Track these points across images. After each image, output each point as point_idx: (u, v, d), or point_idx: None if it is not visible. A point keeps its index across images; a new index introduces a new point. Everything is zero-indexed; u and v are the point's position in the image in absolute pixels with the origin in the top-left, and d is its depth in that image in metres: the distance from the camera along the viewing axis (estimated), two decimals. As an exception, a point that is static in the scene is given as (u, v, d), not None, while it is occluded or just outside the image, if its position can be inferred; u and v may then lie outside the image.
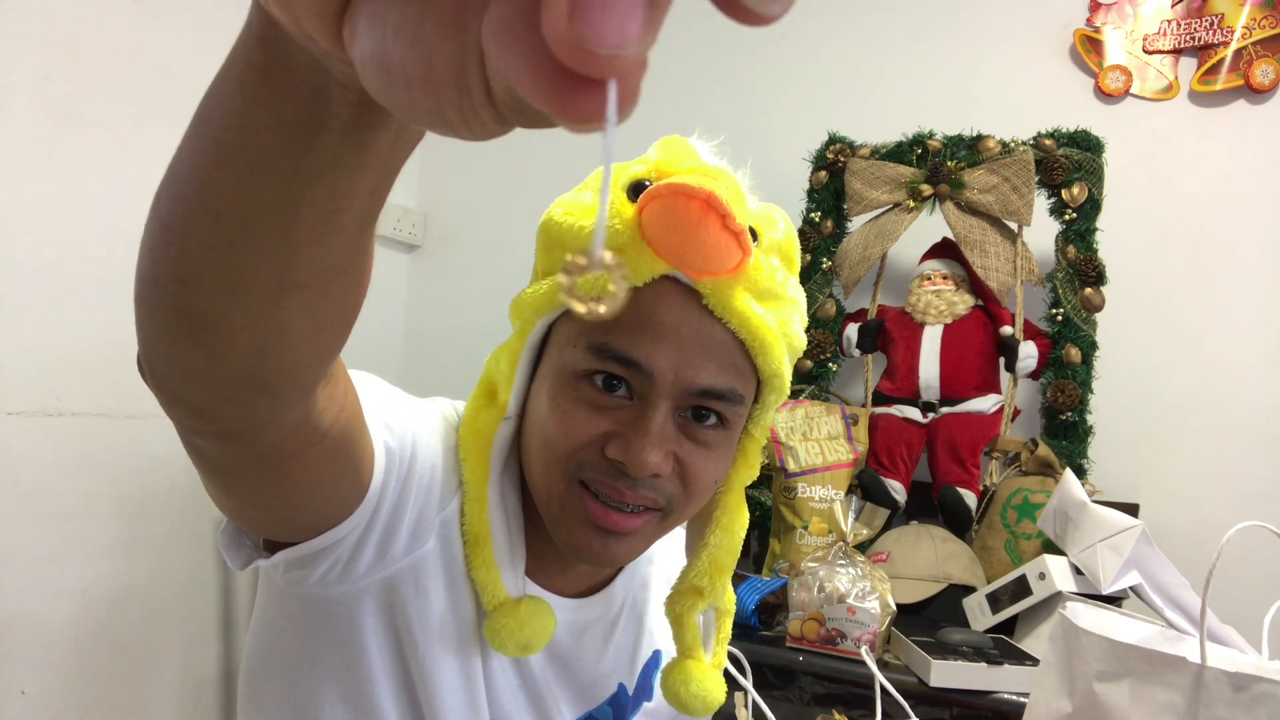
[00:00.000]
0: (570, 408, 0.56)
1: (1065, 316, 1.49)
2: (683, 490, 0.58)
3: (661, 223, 0.51)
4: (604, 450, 0.55)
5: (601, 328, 0.55)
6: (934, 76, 1.80)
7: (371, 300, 1.65)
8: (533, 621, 0.59)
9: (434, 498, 0.60)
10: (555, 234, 0.57)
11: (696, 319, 0.55)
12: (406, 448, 0.57)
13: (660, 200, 0.50)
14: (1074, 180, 1.51)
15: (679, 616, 0.64)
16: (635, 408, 0.55)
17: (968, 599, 1.27)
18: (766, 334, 0.56)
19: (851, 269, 1.60)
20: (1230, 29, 1.57)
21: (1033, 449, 1.39)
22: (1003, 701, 1.06)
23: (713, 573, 0.63)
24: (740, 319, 0.55)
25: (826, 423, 1.48)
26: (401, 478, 0.56)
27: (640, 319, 0.54)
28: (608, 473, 0.55)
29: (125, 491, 1.50)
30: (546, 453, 0.57)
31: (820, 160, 1.72)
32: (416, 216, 2.23)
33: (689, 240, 0.50)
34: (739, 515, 0.65)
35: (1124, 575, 1.07)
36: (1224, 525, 0.68)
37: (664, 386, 0.55)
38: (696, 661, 0.63)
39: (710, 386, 0.55)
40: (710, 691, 0.62)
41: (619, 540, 0.58)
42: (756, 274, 0.56)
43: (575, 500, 0.57)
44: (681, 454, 0.57)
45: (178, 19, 1.56)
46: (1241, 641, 0.92)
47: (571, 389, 0.56)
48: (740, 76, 1.98)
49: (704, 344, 0.55)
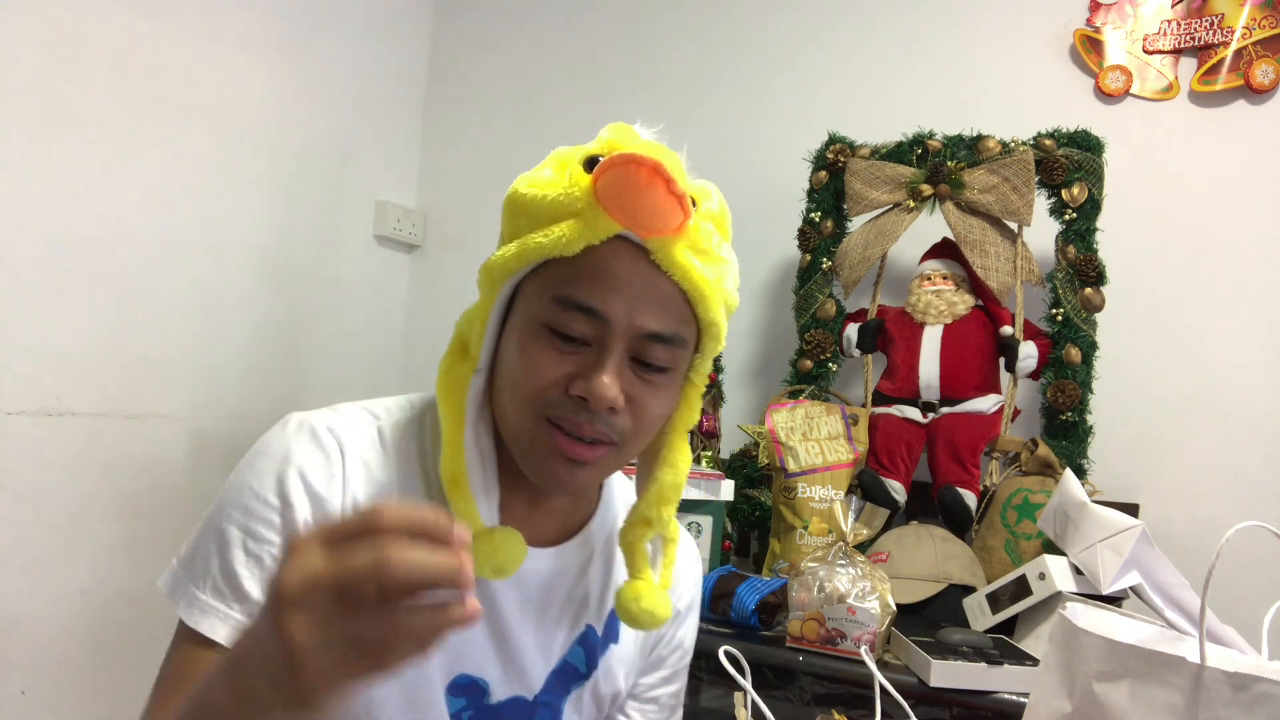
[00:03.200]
0: (538, 353, 0.65)
1: (1065, 316, 1.49)
2: (633, 425, 0.67)
3: (615, 187, 0.60)
4: (568, 390, 0.64)
5: (564, 280, 0.64)
6: (934, 76, 1.81)
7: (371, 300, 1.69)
8: (506, 546, 0.66)
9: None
10: (520, 204, 0.65)
11: (645, 272, 0.64)
12: None
13: (614, 168, 0.59)
14: (1074, 180, 1.51)
15: (630, 545, 0.73)
16: (594, 352, 0.64)
17: (968, 599, 1.27)
18: (705, 286, 0.66)
19: (851, 269, 1.60)
20: (1230, 29, 1.57)
21: (1033, 449, 1.39)
22: (1003, 701, 1.06)
23: (660, 504, 0.72)
24: (683, 272, 0.64)
25: (826, 423, 1.48)
26: None
27: (596, 273, 0.63)
28: (571, 409, 0.64)
29: (125, 491, 1.50)
30: (517, 394, 0.66)
31: (820, 160, 1.71)
32: (416, 216, 2.23)
33: (639, 202, 0.60)
34: (683, 455, 0.74)
35: (1124, 575, 1.07)
36: (1224, 525, 0.68)
37: (618, 330, 0.64)
38: (645, 582, 0.72)
39: (658, 331, 0.65)
40: (657, 607, 0.71)
41: (581, 469, 0.67)
42: (696, 235, 0.65)
43: (544, 435, 0.65)
44: (632, 392, 0.65)
45: (177, 19, 1.56)
46: (1241, 641, 0.92)
47: (539, 337, 0.65)
48: (740, 76, 1.98)
49: (652, 294, 0.64)
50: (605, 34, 2.12)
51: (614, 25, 2.11)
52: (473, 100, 2.25)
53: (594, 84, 2.12)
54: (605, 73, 2.11)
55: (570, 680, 0.79)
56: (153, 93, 1.52)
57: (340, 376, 2.02)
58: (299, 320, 1.91)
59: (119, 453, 1.49)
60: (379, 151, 2.14)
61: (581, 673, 0.79)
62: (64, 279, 1.40)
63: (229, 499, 0.68)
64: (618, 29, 2.11)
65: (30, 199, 1.35)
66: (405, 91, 2.24)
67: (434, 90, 2.29)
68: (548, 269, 0.65)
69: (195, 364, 1.63)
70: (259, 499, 0.66)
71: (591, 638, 0.79)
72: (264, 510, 0.66)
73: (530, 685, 0.76)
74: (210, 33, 1.62)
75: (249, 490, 0.67)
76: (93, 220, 1.44)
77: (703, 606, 1.26)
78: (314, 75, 1.90)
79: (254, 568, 0.65)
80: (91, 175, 1.43)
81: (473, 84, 2.25)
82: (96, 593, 1.46)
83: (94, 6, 1.42)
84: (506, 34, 2.22)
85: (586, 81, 2.13)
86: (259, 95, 1.75)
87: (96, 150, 1.44)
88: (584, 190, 0.62)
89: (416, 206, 2.26)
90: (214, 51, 1.63)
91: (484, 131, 2.23)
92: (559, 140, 0.70)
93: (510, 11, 2.22)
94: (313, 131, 1.90)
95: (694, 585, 0.91)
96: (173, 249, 1.58)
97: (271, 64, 1.77)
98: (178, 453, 1.59)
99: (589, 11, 2.14)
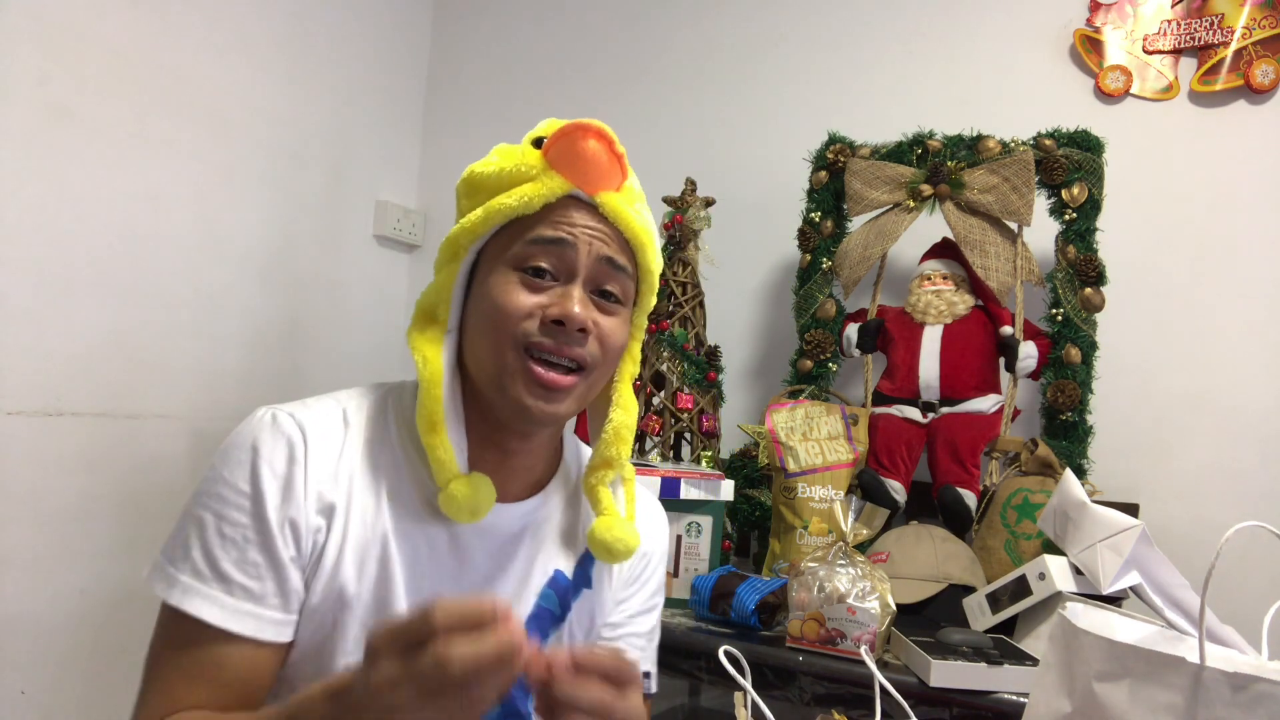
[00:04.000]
0: (513, 290, 0.73)
1: (1065, 316, 1.49)
2: (600, 352, 0.76)
3: (565, 151, 0.73)
4: (543, 319, 0.73)
5: (529, 228, 0.74)
6: (934, 76, 1.80)
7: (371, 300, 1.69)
8: (481, 490, 0.75)
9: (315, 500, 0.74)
10: (477, 181, 0.76)
11: (597, 221, 0.76)
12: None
13: (564, 136, 0.73)
14: (1074, 180, 1.51)
15: (593, 487, 0.82)
16: (562, 285, 0.75)
17: (968, 599, 1.26)
18: (645, 235, 0.78)
19: (851, 269, 1.60)
20: (1230, 29, 1.57)
21: (1033, 449, 1.39)
22: (1003, 701, 1.06)
23: (616, 443, 0.82)
24: (626, 221, 0.76)
25: (826, 423, 1.48)
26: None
27: (557, 220, 0.74)
28: (549, 334, 0.73)
29: (125, 491, 1.50)
30: (495, 331, 0.73)
31: (820, 160, 1.71)
32: (416, 216, 2.23)
33: (587, 163, 0.73)
34: (630, 399, 0.83)
35: (1124, 575, 1.07)
36: (1224, 525, 0.68)
37: (582, 258, 0.74)
38: (613, 516, 0.81)
39: (613, 257, 0.76)
40: (628, 536, 0.80)
41: (556, 395, 0.75)
42: (631, 193, 0.79)
43: (521, 365, 0.73)
44: (596, 319, 0.76)
45: (177, 19, 1.56)
46: (1241, 641, 0.92)
47: (511, 278, 0.74)
48: (740, 77, 1.98)
49: (604, 235, 0.76)
50: (605, 34, 2.12)
51: (614, 26, 2.11)
52: (473, 100, 2.25)
53: (593, 84, 2.12)
54: (605, 73, 2.11)
55: (546, 624, 0.83)
56: (153, 93, 1.52)
57: (340, 376, 2.02)
58: (299, 320, 1.91)
59: (119, 453, 1.49)
60: (379, 151, 2.14)
61: (556, 615, 0.84)
62: (64, 279, 1.40)
63: (204, 489, 0.73)
64: (617, 29, 2.11)
65: (30, 199, 1.35)
66: (405, 91, 2.24)
67: (434, 90, 2.29)
68: (510, 228, 0.75)
69: (195, 364, 1.63)
70: (231, 487, 0.72)
71: (561, 580, 0.84)
72: (236, 498, 0.71)
73: None
74: (210, 33, 1.62)
75: (221, 479, 0.72)
76: (93, 220, 1.44)
77: (703, 606, 1.27)
78: (314, 75, 1.89)
79: (230, 549, 0.70)
80: (91, 175, 1.43)
81: (473, 84, 2.25)
82: (96, 592, 1.46)
83: (94, 6, 1.42)
84: (506, 34, 2.22)
85: (586, 82, 2.13)
86: (259, 95, 1.75)
87: (96, 150, 1.44)
88: (537, 159, 0.74)
89: (416, 206, 2.26)
90: (214, 51, 1.63)
91: (484, 131, 2.23)
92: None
93: (510, 12, 2.22)
94: (313, 131, 1.90)
95: (662, 533, 0.96)
96: (173, 249, 1.58)
97: (271, 64, 1.77)
98: (178, 453, 1.59)
99: (588, 12, 2.14)
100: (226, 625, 0.69)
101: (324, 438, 0.75)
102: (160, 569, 0.72)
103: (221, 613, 0.69)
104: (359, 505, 0.75)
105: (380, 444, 0.78)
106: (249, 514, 0.71)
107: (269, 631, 0.71)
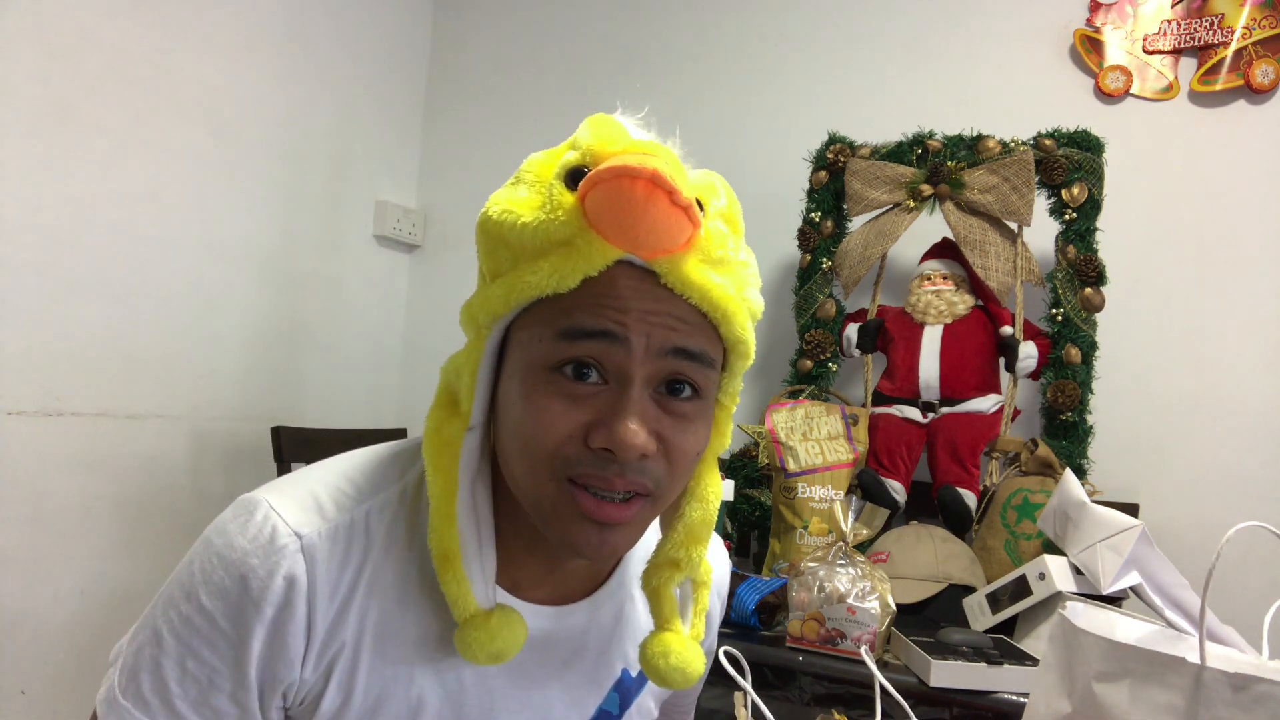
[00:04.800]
0: (546, 403, 0.54)
1: (1065, 316, 1.49)
2: (668, 469, 0.57)
3: (608, 208, 0.51)
4: (587, 442, 0.54)
5: (565, 311, 0.54)
6: (934, 76, 1.81)
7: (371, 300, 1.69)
8: (504, 632, 0.59)
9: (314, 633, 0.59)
10: (497, 233, 0.56)
11: (657, 295, 0.54)
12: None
13: (604, 185, 0.50)
14: (1074, 180, 1.51)
15: (656, 590, 0.64)
16: (612, 390, 0.54)
17: (968, 599, 1.26)
18: (728, 303, 0.56)
19: (851, 269, 1.60)
20: (1230, 29, 1.57)
21: (1033, 449, 1.39)
22: (1002, 702, 1.06)
23: (689, 544, 0.63)
24: (700, 292, 0.55)
25: (826, 423, 1.48)
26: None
27: (601, 298, 0.53)
28: (595, 464, 0.54)
29: (125, 491, 1.50)
30: (528, 455, 0.56)
31: (820, 160, 1.71)
32: (416, 216, 2.23)
33: (639, 222, 0.51)
34: (713, 485, 0.64)
35: (1124, 575, 1.07)
36: (1224, 525, 0.68)
37: (638, 354, 0.54)
38: (674, 634, 0.63)
39: (683, 345, 0.55)
40: (690, 663, 0.62)
41: (615, 531, 0.56)
42: (708, 244, 0.56)
43: (566, 498, 0.55)
44: (663, 431, 0.55)
45: (177, 20, 1.56)
46: (1241, 641, 0.92)
47: (544, 384, 0.55)
48: (741, 77, 1.98)
49: (668, 315, 0.55)
50: (605, 34, 2.12)
51: (614, 25, 2.11)
52: (473, 100, 2.25)
53: (594, 84, 2.12)
54: (605, 72, 2.11)
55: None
56: (153, 93, 1.52)
57: (340, 376, 2.02)
58: (299, 320, 1.91)
59: (119, 453, 1.49)
60: (379, 151, 2.14)
61: (615, 715, 0.73)
62: (64, 279, 1.40)
63: (174, 598, 0.59)
64: (618, 29, 2.11)
65: (30, 199, 1.35)
66: (405, 91, 2.24)
67: (434, 90, 2.29)
68: (542, 305, 0.55)
69: (195, 364, 1.63)
70: (205, 616, 0.58)
71: (626, 680, 0.72)
72: (209, 632, 0.58)
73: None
74: (210, 33, 1.62)
75: (196, 602, 0.58)
76: (93, 220, 1.44)
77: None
78: (314, 75, 1.90)
79: (189, 687, 0.58)
80: (91, 175, 1.43)
81: (473, 84, 2.25)
82: (96, 592, 1.46)
83: (94, 6, 1.42)
84: (506, 34, 2.22)
85: (586, 81, 2.13)
86: (259, 95, 1.75)
87: (96, 150, 1.44)
88: (570, 212, 0.52)
89: (416, 206, 2.27)
90: (214, 51, 1.63)
91: (484, 131, 2.23)
92: (558, 140, 0.60)
93: (510, 12, 2.22)
94: (313, 131, 1.90)
95: (719, 600, 0.81)
96: (173, 249, 1.58)
97: (271, 64, 1.77)
98: (178, 453, 1.59)
99: (589, 12, 2.14)
100: None
101: (338, 567, 0.60)
102: (108, 682, 0.61)
103: None
104: (371, 650, 0.61)
105: (403, 560, 0.62)
106: (224, 659, 0.58)
107: None
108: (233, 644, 0.57)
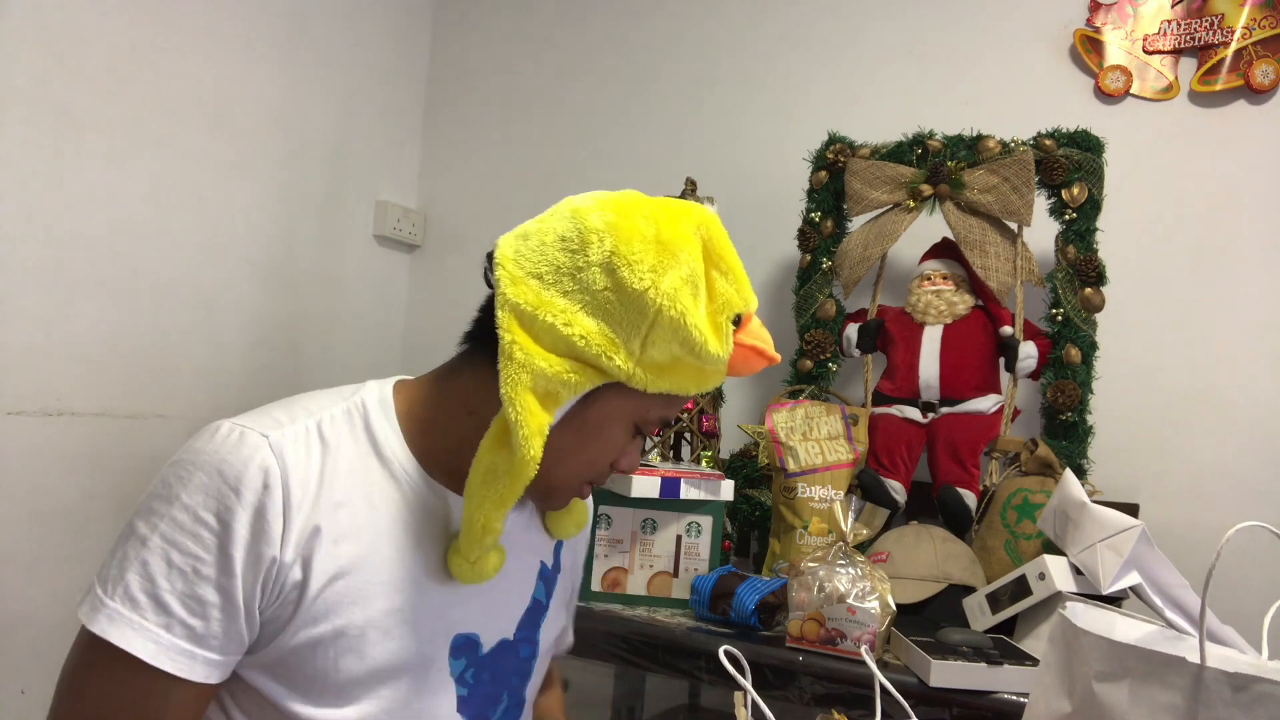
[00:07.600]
0: (615, 443, 0.76)
1: (1065, 316, 1.49)
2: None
3: (744, 365, 0.74)
4: (614, 465, 0.77)
5: (668, 405, 0.75)
6: (934, 76, 1.80)
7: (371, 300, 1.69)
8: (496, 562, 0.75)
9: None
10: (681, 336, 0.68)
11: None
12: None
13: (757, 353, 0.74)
14: (1074, 180, 1.51)
15: None
16: (637, 442, 0.78)
17: (968, 599, 1.26)
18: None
19: (851, 269, 1.60)
20: (1230, 29, 1.57)
21: (1033, 449, 1.39)
22: (1003, 701, 1.06)
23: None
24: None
25: (826, 423, 1.48)
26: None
27: (680, 400, 0.76)
28: (606, 475, 0.79)
29: (125, 491, 1.50)
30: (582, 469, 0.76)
31: (820, 160, 1.71)
32: (416, 216, 2.23)
33: (749, 371, 0.75)
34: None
35: (1124, 575, 1.07)
36: (1224, 525, 0.68)
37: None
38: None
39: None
40: (582, 512, 0.89)
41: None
42: None
43: (576, 490, 0.79)
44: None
45: (177, 20, 1.56)
46: (1241, 641, 0.92)
47: (623, 433, 0.75)
48: (740, 76, 1.98)
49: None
50: (605, 34, 2.12)
51: (613, 25, 2.11)
52: (473, 100, 2.25)
53: (594, 84, 2.12)
54: (605, 72, 2.11)
55: (538, 613, 0.86)
56: (153, 93, 1.52)
57: (340, 376, 2.02)
58: (299, 320, 1.91)
59: (119, 453, 1.49)
60: (379, 151, 2.14)
61: (544, 604, 0.87)
62: (64, 279, 1.40)
63: (153, 508, 0.65)
64: (617, 29, 2.11)
65: (31, 199, 1.35)
66: (405, 91, 2.24)
67: (434, 90, 2.29)
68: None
69: (195, 364, 1.63)
70: (189, 513, 0.64)
71: (544, 570, 0.88)
72: (193, 526, 0.64)
73: (509, 627, 0.82)
74: (210, 33, 1.62)
75: (177, 502, 0.65)
76: (93, 220, 1.44)
77: (703, 606, 1.27)
78: (314, 75, 1.90)
79: (175, 580, 0.63)
80: (91, 175, 1.43)
81: (473, 84, 2.25)
82: (96, 593, 1.46)
83: (94, 6, 1.42)
84: (506, 34, 2.22)
85: (586, 81, 2.13)
86: (259, 95, 1.75)
87: (96, 150, 1.44)
88: (728, 355, 0.71)
89: (416, 206, 2.27)
90: (214, 51, 1.63)
91: (484, 131, 2.23)
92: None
93: (510, 12, 2.22)
94: (313, 131, 1.90)
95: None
96: (173, 249, 1.58)
97: (271, 64, 1.77)
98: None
99: (589, 12, 2.14)
100: (158, 663, 0.63)
101: (303, 462, 0.68)
102: (90, 591, 0.66)
103: (155, 649, 0.62)
104: (348, 537, 0.69)
105: (366, 465, 0.72)
106: (209, 548, 0.63)
107: (200, 673, 0.64)
108: (215, 532, 0.64)
